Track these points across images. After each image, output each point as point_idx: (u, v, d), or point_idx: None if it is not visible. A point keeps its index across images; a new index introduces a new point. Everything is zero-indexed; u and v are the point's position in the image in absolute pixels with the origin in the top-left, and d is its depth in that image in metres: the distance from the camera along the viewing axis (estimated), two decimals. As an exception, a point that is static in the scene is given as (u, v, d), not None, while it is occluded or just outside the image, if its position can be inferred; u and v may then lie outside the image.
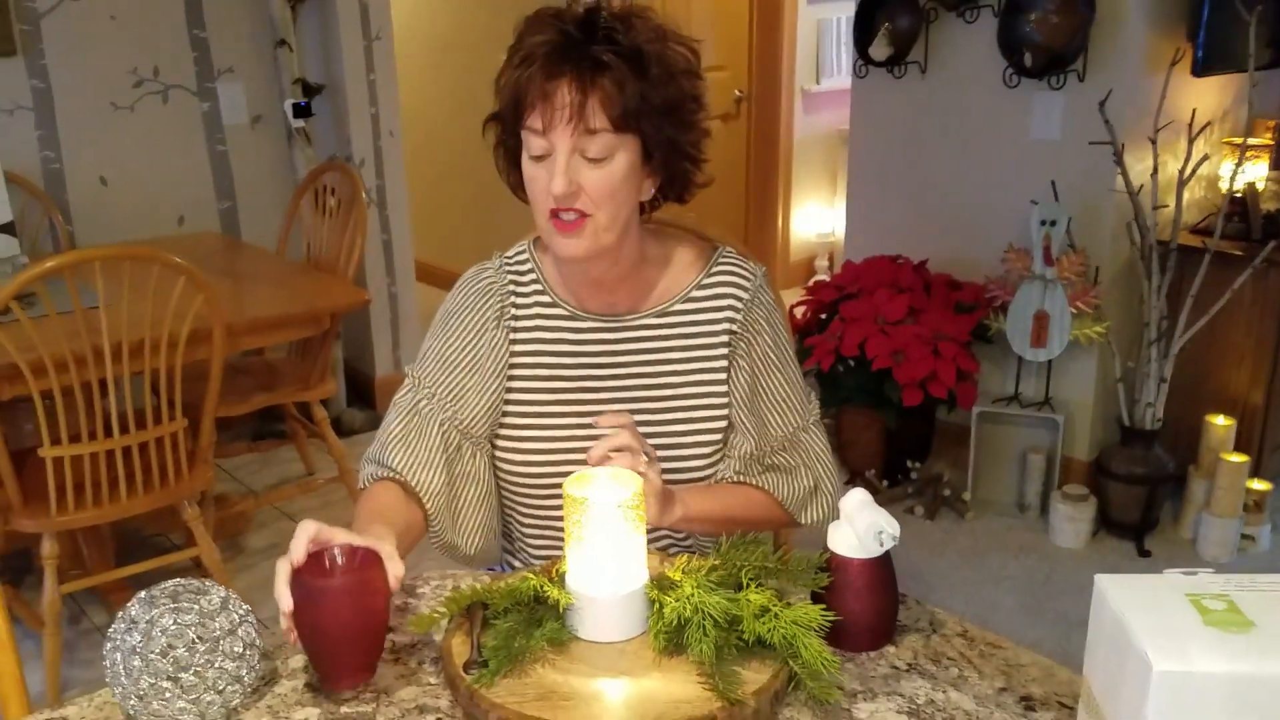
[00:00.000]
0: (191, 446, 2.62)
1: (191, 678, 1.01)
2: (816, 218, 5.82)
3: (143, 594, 1.07)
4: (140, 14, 3.57)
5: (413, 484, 1.34)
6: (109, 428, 2.41)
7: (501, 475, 1.43)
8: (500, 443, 1.42)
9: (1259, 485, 3.10)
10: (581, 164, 1.24)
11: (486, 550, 1.44)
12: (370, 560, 1.08)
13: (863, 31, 3.51)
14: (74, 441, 2.38)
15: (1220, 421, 3.13)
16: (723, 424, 1.42)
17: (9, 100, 3.39)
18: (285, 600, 1.05)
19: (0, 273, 2.70)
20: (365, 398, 4.21)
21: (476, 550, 1.42)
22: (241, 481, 3.64)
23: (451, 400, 1.38)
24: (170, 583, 1.09)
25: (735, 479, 1.42)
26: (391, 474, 1.35)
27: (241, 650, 1.05)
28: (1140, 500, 3.10)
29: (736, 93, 5.40)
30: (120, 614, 1.06)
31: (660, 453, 1.34)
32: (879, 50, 3.48)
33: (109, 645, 1.05)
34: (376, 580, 1.06)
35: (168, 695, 1.01)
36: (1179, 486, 3.21)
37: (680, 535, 1.45)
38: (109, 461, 2.43)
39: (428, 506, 1.35)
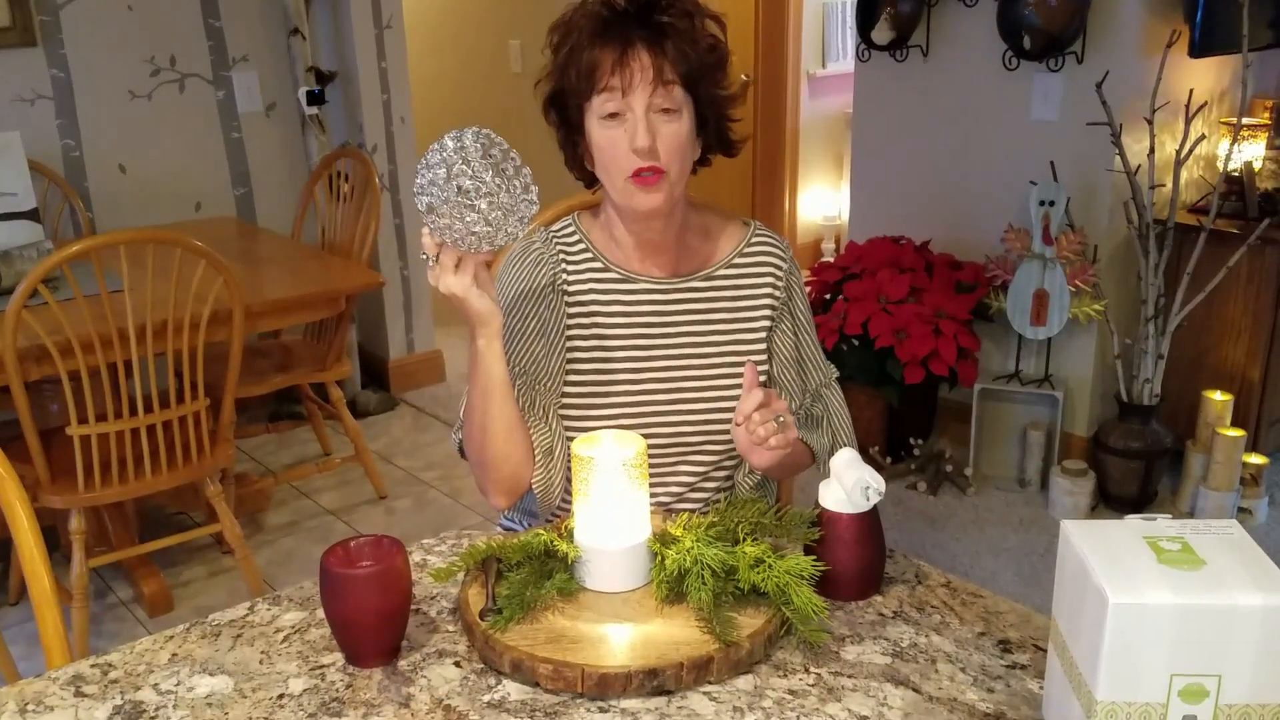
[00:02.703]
0: (212, 425, 2.70)
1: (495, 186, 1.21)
2: (823, 200, 5.88)
3: (452, 133, 1.23)
4: (157, 4, 3.64)
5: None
6: (133, 407, 2.49)
7: None
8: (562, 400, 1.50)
9: (1255, 459, 3.16)
10: (658, 120, 1.36)
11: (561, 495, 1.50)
12: (394, 549, 1.14)
13: (865, 16, 3.56)
14: (100, 420, 2.46)
15: (1217, 396, 3.19)
16: (760, 380, 1.51)
17: (30, 90, 3.47)
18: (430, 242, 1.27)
19: (26, 258, 2.78)
20: (379, 380, 4.29)
21: (558, 495, 1.46)
22: (260, 462, 3.72)
23: (535, 370, 1.46)
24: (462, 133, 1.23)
25: None
26: None
27: (524, 187, 1.24)
28: (1138, 474, 3.17)
29: (743, 76, 5.45)
30: (432, 148, 1.23)
31: (704, 405, 1.48)
32: (881, 34, 3.53)
33: (423, 178, 1.23)
34: (400, 568, 1.12)
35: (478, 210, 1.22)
36: (1176, 461, 3.27)
37: (696, 495, 1.53)
38: (134, 440, 2.51)
39: (535, 458, 1.42)
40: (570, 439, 1.46)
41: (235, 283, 2.52)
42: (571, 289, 1.49)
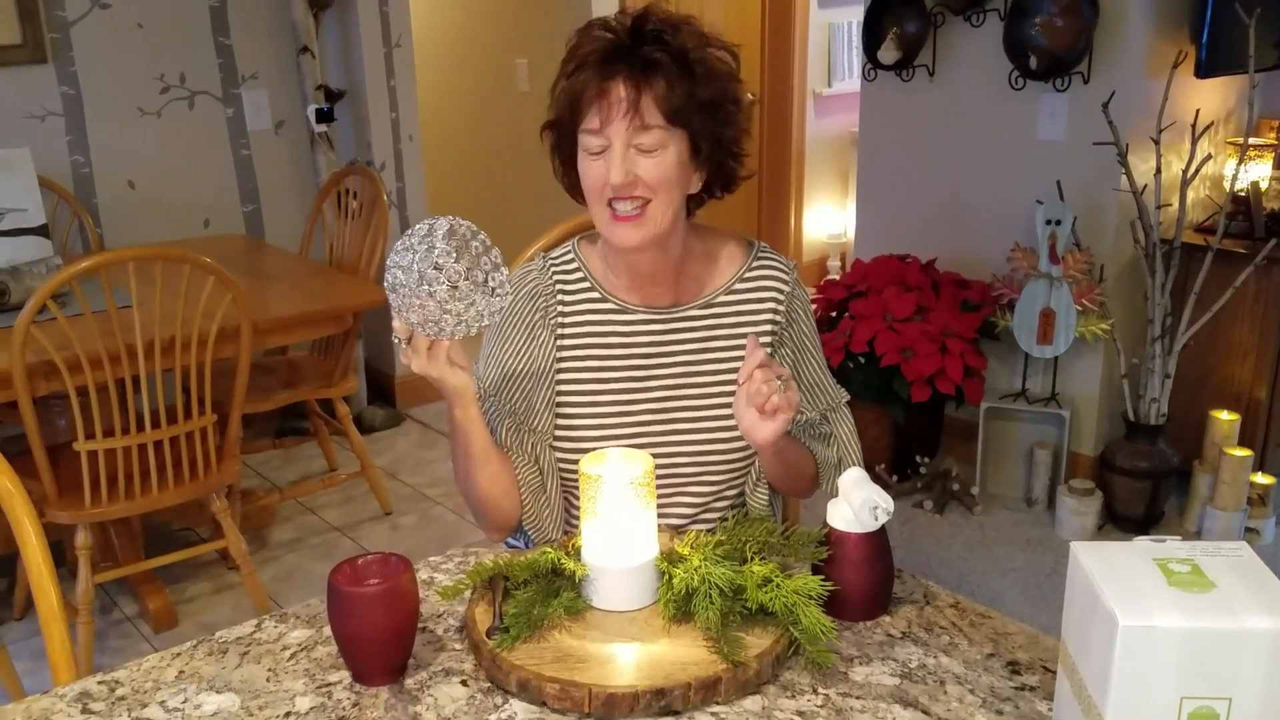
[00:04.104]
0: (219, 441, 2.71)
1: (467, 285, 1.20)
2: (828, 218, 5.89)
3: (422, 228, 1.21)
4: (167, 22, 3.67)
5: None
6: (141, 423, 2.50)
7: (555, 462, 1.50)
8: (554, 432, 1.49)
9: (1263, 479, 3.15)
10: (636, 156, 1.34)
11: (558, 529, 1.51)
12: (402, 567, 1.14)
13: (871, 36, 3.58)
14: (108, 436, 2.47)
15: (1224, 416, 3.18)
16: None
17: (40, 106, 3.49)
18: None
19: (35, 273, 2.79)
20: (385, 396, 4.29)
21: (556, 531, 1.49)
22: (265, 477, 3.73)
23: (524, 409, 1.46)
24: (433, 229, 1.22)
25: None
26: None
27: (494, 286, 1.24)
28: (1145, 494, 3.16)
29: (749, 95, 5.46)
30: (399, 246, 1.21)
31: (703, 435, 1.46)
32: (887, 54, 3.54)
33: (393, 276, 1.21)
34: (407, 586, 1.12)
35: (449, 300, 1.20)
36: (1183, 481, 3.26)
37: (696, 513, 1.53)
38: (141, 455, 2.52)
39: (523, 499, 1.45)
40: (563, 474, 1.48)
41: (243, 299, 2.53)
42: (567, 319, 1.48)
